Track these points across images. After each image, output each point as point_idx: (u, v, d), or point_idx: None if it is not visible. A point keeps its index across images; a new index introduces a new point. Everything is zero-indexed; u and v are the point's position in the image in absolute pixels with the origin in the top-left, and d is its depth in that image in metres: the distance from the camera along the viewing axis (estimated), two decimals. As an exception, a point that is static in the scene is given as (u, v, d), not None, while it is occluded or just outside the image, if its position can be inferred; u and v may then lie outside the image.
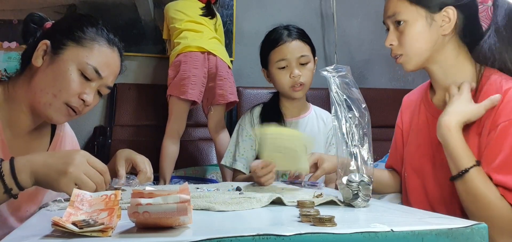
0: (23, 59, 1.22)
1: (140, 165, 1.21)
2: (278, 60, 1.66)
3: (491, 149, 1.10)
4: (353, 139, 0.99)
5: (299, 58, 1.64)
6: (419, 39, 1.21)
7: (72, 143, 1.39)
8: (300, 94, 1.68)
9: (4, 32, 2.69)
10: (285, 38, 1.65)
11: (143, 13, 2.90)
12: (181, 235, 0.64)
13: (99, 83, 1.19)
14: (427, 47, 1.21)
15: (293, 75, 1.63)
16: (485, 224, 0.71)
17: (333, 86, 1.01)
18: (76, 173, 0.94)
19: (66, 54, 1.15)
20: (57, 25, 1.23)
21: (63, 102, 1.15)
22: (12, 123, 1.18)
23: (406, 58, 1.25)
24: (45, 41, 1.16)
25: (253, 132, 1.74)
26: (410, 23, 1.21)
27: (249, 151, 1.73)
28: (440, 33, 1.20)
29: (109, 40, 1.21)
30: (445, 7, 1.19)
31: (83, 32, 1.17)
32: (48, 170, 0.95)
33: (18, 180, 0.94)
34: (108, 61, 1.20)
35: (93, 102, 1.19)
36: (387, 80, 3.24)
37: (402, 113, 1.45)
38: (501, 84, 1.15)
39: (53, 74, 1.14)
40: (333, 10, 3.15)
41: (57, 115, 1.16)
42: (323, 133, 1.72)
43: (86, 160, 0.97)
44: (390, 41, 1.26)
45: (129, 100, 2.80)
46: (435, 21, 1.20)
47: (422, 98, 1.35)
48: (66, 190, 0.94)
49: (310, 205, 0.89)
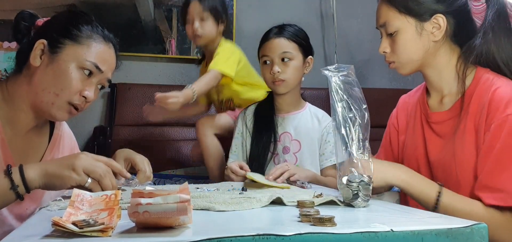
0: (18, 58, 1.23)
1: (140, 165, 1.22)
2: (262, 56, 1.75)
3: (484, 150, 1.11)
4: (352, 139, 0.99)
5: (281, 54, 1.69)
6: (410, 48, 1.22)
7: (71, 142, 1.40)
8: (282, 90, 1.73)
9: (4, 32, 2.69)
10: (272, 35, 1.72)
11: (143, 13, 2.90)
12: (181, 235, 0.64)
13: (99, 77, 1.22)
14: (419, 54, 1.22)
15: (272, 71, 1.69)
16: (485, 224, 0.71)
17: (334, 86, 1.01)
18: (85, 162, 1.00)
19: (64, 53, 1.17)
20: (52, 23, 1.24)
21: (66, 101, 1.17)
22: (11, 122, 1.19)
23: (399, 65, 1.26)
24: (42, 41, 1.17)
25: (244, 129, 1.80)
26: (401, 32, 1.22)
27: (240, 148, 1.80)
28: (431, 40, 1.21)
29: (104, 36, 1.23)
30: (435, 14, 1.19)
31: (79, 30, 1.19)
32: (58, 165, 1.00)
33: (25, 178, 0.97)
34: (105, 57, 1.22)
35: (93, 97, 1.21)
36: (387, 80, 3.24)
37: (398, 114, 1.45)
38: (491, 83, 1.15)
39: (54, 73, 1.15)
40: (333, 10, 3.14)
41: (60, 114, 1.18)
42: (317, 130, 1.75)
43: (91, 156, 1.03)
44: (383, 49, 1.27)
45: (129, 100, 2.80)
46: (425, 29, 1.20)
47: (418, 100, 1.36)
48: (78, 179, 0.99)
49: (310, 205, 0.89)
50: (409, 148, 1.35)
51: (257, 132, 1.76)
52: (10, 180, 0.96)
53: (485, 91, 1.14)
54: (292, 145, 1.71)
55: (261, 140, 1.73)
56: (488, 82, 1.16)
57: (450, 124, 1.22)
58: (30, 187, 0.98)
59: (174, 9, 2.95)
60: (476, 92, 1.17)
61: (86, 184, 0.99)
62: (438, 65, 1.24)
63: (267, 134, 1.73)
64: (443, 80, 1.25)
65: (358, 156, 0.99)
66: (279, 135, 1.74)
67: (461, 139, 1.17)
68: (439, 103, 1.27)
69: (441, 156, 1.22)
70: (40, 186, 1.00)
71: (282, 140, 1.73)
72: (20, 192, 0.98)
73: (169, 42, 2.94)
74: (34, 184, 0.99)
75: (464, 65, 1.21)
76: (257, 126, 1.78)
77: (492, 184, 1.07)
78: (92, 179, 1.00)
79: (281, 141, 1.73)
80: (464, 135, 1.16)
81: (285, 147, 1.72)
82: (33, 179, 0.98)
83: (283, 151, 1.72)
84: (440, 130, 1.25)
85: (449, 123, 1.23)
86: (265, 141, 1.73)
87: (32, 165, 1.01)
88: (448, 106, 1.24)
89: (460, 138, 1.17)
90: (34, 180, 0.98)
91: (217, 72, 1.92)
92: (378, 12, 1.28)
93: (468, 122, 1.16)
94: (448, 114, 1.23)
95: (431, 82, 1.28)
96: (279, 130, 1.75)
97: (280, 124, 1.76)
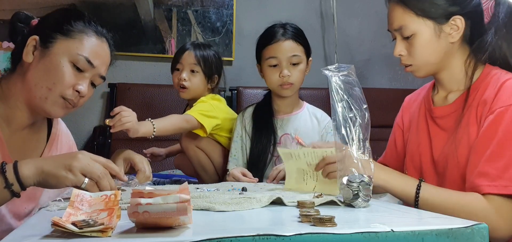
0: (13, 57, 1.23)
1: (139, 165, 1.22)
2: (269, 58, 1.68)
3: (486, 132, 1.11)
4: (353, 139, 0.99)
5: (291, 58, 1.66)
6: (429, 50, 1.21)
7: (69, 140, 1.40)
8: (288, 93, 1.71)
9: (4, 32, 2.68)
10: (279, 36, 1.67)
11: (143, 13, 2.90)
12: (181, 235, 0.64)
13: (92, 73, 1.20)
14: (437, 57, 1.21)
15: (282, 75, 1.66)
16: (485, 224, 0.71)
17: (334, 86, 1.01)
18: (82, 163, 0.99)
19: (56, 47, 1.16)
20: (45, 20, 1.24)
21: (59, 95, 1.16)
22: (8, 120, 1.19)
23: (416, 68, 1.25)
24: (34, 37, 1.17)
25: (243, 133, 1.77)
26: (419, 35, 1.20)
27: (239, 152, 1.77)
28: (449, 41, 1.20)
29: (97, 31, 1.22)
30: (453, 16, 1.18)
31: (71, 25, 1.18)
32: (55, 164, 0.99)
33: (19, 175, 0.96)
34: (98, 51, 1.21)
35: (88, 93, 1.20)
36: (387, 80, 3.24)
37: (403, 113, 1.45)
38: (499, 77, 1.15)
39: (45, 68, 1.15)
40: (333, 10, 3.14)
41: (54, 109, 1.17)
42: (317, 130, 1.74)
43: (89, 156, 1.02)
44: (399, 52, 1.25)
45: (129, 100, 2.80)
46: (443, 31, 1.19)
47: (424, 98, 1.36)
48: (74, 180, 0.98)
49: (310, 205, 0.89)
50: (412, 144, 1.35)
51: (256, 135, 1.74)
52: (4, 179, 0.95)
53: (492, 85, 1.14)
54: (293, 146, 1.70)
55: (260, 143, 1.71)
56: (496, 77, 1.16)
57: (453, 117, 1.22)
58: (25, 185, 0.97)
59: (174, 9, 2.95)
60: (482, 86, 1.17)
61: (83, 185, 0.98)
62: (452, 67, 1.24)
63: (267, 136, 1.71)
64: (453, 79, 1.25)
65: (359, 156, 0.98)
66: (279, 137, 1.73)
67: (465, 131, 1.17)
68: (444, 99, 1.27)
69: (445, 150, 1.22)
70: (35, 184, 0.98)
71: (283, 142, 1.72)
72: (15, 190, 0.97)
73: (169, 42, 2.94)
74: (29, 182, 0.98)
75: (474, 63, 1.21)
76: (256, 128, 1.75)
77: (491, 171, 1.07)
78: (89, 180, 0.99)
79: (281, 142, 1.72)
80: (468, 127, 1.16)
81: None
82: (27, 177, 0.97)
83: None
84: (444, 123, 1.25)
85: (452, 116, 1.22)
86: (264, 144, 1.71)
87: (28, 161, 0.99)
88: (452, 100, 1.25)
89: (463, 130, 1.17)
90: (28, 177, 0.97)
91: (192, 118, 1.71)
92: (392, 15, 1.24)
93: (472, 114, 1.16)
94: (452, 107, 1.23)
95: (442, 81, 1.27)
96: (279, 132, 1.73)
97: (280, 125, 1.74)
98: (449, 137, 1.21)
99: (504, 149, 1.07)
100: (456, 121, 1.20)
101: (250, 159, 1.73)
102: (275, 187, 1.30)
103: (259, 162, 1.69)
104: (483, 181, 1.07)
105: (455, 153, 1.18)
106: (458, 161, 1.17)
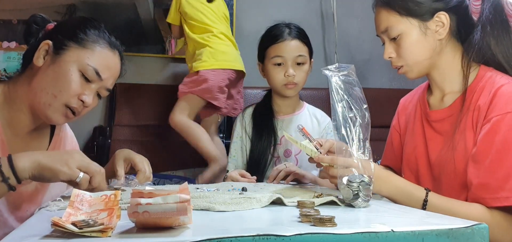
0: (24, 59, 1.23)
1: (139, 165, 1.22)
2: (274, 57, 1.67)
3: (484, 142, 1.10)
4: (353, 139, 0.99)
5: (296, 58, 1.66)
6: (416, 49, 1.21)
7: (72, 144, 1.40)
8: (292, 93, 1.70)
9: (4, 32, 2.69)
10: (285, 36, 1.67)
11: (143, 13, 2.90)
12: (181, 235, 0.64)
13: (99, 85, 1.20)
14: (427, 54, 1.22)
15: (287, 74, 1.65)
16: (485, 224, 0.71)
17: (334, 86, 1.01)
18: (78, 159, 1.00)
19: (67, 55, 1.16)
20: (60, 26, 1.25)
21: (63, 103, 1.16)
22: (12, 123, 1.18)
23: (408, 68, 1.25)
24: (47, 42, 1.17)
25: (243, 133, 1.77)
26: (405, 35, 1.21)
27: (238, 152, 1.76)
28: (436, 39, 1.21)
29: (110, 43, 1.22)
30: (437, 13, 1.19)
31: (85, 34, 1.18)
32: (51, 157, 0.99)
33: (15, 169, 0.95)
34: (109, 64, 1.21)
35: (92, 104, 1.20)
36: (387, 80, 3.23)
37: (399, 116, 1.45)
38: (494, 81, 1.15)
39: (54, 74, 1.15)
40: (333, 10, 3.14)
41: (55, 116, 1.17)
42: (317, 131, 1.74)
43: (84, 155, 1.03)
44: (389, 54, 1.26)
45: (129, 100, 2.80)
46: (429, 29, 1.20)
47: (419, 99, 1.35)
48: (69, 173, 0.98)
49: (310, 205, 0.89)
50: (408, 147, 1.35)
51: (256, 136, 1.73)
52: (0, 172, 0.95)
53: (487, 90, 1.14)
54: (293, 147, 1.70)
55: (261, 144, 1.70)
56: (491, 80, 1.16)
57: (450, 121, 1.22)
58: (21, 178, 0.96)
59: (174, 9, 2.94)
60: (478, 89, 1.17)
61: (78, 179, 0.98)
62: (443, 64, 1.24)
63: (267, 137, 1.71)
64: (447, 78, 1.25)
65: (359, 156, 0.98)
66: (280, 138, 1.72)
67: (462, 136, 1.16)
68: (440, 101, 1.27)
69: (442, 154, 1.22)
70: (30, 177, 0.98)
71: (283, 143, 1.71)
72: (12, 183, 0.96)
73: (169, 42, 2.94)
74: (24, 175, 0.97)
75: (467, 62, 1.21)
76: (256, 129, 1.74)
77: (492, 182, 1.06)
78: (84, 174, 0.99)
79: (282, 143, 1.71)
80: (465, 132, 1.16)
81: (287, 150, 1.70)
82: (23, 169, 0.96)
83: (284, 153, 1.70)
84: (440, 127, 1.25)
85: (449, 120, 1.22)
86: (265, 145, 1.70)
87: (23, 154, 0.99)
88: (448, 103, 1.24)
89: (460, 135, 1.17)
90: (24, 170, 0.96)
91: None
92: (378, 19, 1.26)
93: (469, 119, 1.16)
94: (448, 111, 1.23)
95: (436, 81, 1.27)
96: (279, 133, 1.72)
97: (280, 126, 1.73)
98: (446, 141, 1.21)
99: (503, 159, 1.06)
100: (453, 125, 1.20)
101: (250, 160, 1.72)
102: (275, 187, 1.30)
103: (260, 163, 1.68)
104: (485, 194, 1.06)
105: (452, 159, 1.18)
106: (455, 167, 1.17)
